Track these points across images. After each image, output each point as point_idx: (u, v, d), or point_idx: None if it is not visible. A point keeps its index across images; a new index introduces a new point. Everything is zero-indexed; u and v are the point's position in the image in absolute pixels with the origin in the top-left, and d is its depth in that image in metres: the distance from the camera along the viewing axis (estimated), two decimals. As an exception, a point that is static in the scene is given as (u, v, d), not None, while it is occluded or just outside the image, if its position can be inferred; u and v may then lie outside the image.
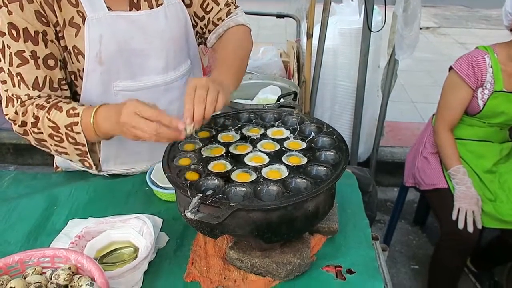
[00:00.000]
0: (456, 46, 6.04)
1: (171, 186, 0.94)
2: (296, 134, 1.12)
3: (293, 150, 1.04)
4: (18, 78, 1.07)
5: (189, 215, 0.82)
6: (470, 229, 1.78)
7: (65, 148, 1.12)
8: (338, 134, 1.09)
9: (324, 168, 0.97)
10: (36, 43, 1.06)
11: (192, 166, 0.99)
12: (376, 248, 1.09)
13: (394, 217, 2.48)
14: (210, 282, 0.95)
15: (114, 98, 1.19)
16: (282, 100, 1.58)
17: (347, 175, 1.33)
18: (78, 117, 1.06)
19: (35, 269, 0.87)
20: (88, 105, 1.11)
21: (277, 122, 1.18)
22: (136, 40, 1.15)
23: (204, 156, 1.03)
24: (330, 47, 2.65)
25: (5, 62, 1.06)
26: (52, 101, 1.10)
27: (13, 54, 1.05)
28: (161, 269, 1.00)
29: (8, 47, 1.05)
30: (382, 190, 3.11)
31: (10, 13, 1.02)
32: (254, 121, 1.19)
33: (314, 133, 1.11)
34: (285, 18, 2.94)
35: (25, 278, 0.84)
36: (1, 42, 1.04)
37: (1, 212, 1.20)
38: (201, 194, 0.86)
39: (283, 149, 1.05)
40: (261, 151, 1.04)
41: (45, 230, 1.13)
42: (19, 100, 1.09)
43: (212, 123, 1.17)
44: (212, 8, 1.32)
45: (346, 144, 1.05)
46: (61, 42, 1.11)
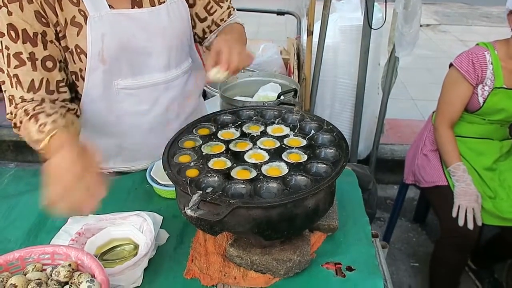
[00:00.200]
0: (456, 44, 6.03)
1: (171, 183, 0.94)
2: (296, 131, 1.12)
3: (293, 147, 1.04)
4: (15, 80, 1.06)
5: (189, 212, 0.82)
6: (470, 226, 1.78)
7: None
8: (338, 132, 1.09)
9: (324, 165, 0.97)
10: (34, 45, 1.05)
11: (192, 163, 0.99)
12: (376, 245, 1.09)
13: (394, 214, 2.48)
14: (210, 279, 0.95)
15: (116, 97, 1.19)
16: (282, 97, 1.58)
17: (347, 173, 1.33)
18: (42, 134, 1.00)
19: (35, 266, 0.87)
20: (60, 123, 1.03)
21: (277, 120, 1.18)
22: (138, 38, 1.15)
23: (204, 153, 1.03)
24: (330, 45, 2.64)
25: (4, 63, 1.06)
26: (39, 108, 1.05)
27: (11, 55, 1.04)
28: (161, 266, 1.00)
29: (6, 48, 1.04)
30: (382, 188, 3.11)
31: (10, 13, 1.01)
32: (254, 118, 1.19)
33: (314, 130, 1.11)
34: (285, 15, 2.94)
35: (25, 275, 0.84)
36: (0, 43, 1.04)
37: (1, 209, 1.20)
38: (201, 191, 0.86)
39: (283, 146, 1.05)
40: (261, 148, 1.04)
41: (45, 227, 1.13)
42: (14, 102, 1.08)
43: (212, 120, 1.17)
44: (216, 10, 1.33)
45: (346, 141, 1.04)
46: (62, 42, 1.10)
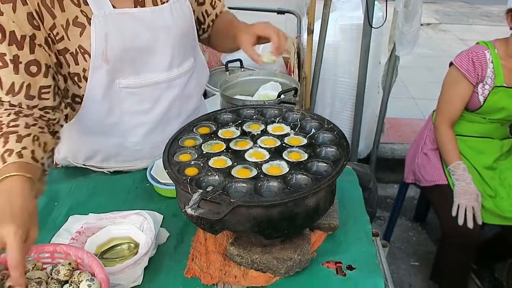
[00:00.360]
0: (457, 43, 6.02)
1: (172, 182, 0.94)
2: (296, 130, 1.11)
3: (293, 146, 1.04)
4: None
5: (189, 211, 0.82)
6: (470, 225, 1.78)
7: None
8: (339, 130, 1.09)
9: (324, 164, 0.96)
10: (20, 48, 1.02)
11: (192, 162, 0.99)
12: (376, 244, 1.09)
13: (394, 213, 2.48)
14: (210, 278, 0.95)
15: (118, 96, 1.19)
16: (282, 96, 1.57)
17: (348, 172, 1.33)
18: (2, 164, 0.91)
19: (35, 264, 0.87)
20: (26, 156, 0.94)
21: (277, 118, 1.17)
22: (142, 37, 1.15)
23: (204, 152, 1.02)
24: (330, 43, 2.64)
25: None
26: (13, 125, 0.98)
27: None
28: (161, 265, 1.00)
29: None
30: (382, 187, 3.11)
31: (0, 13, 0.99)
32: (254, 117, 1.19)
33: (314, 129, 1.11)
34: (285, 14, 2.93)
35: (25, 274, 0.84)
36: None
37: (1, 208, 1.19)
38: (201, 190, 0.86)
39: (284, 145, 1.05)
40: (261, 147, 1.04)
41: (45, 226, 1.13)
42: None
43: (212, 119, 1.17)
44: (216, 3, 1.41)
45: (346, 140, 1.04)
46: (59, 45, 1.08)
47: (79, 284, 0.81)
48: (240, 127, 1.13)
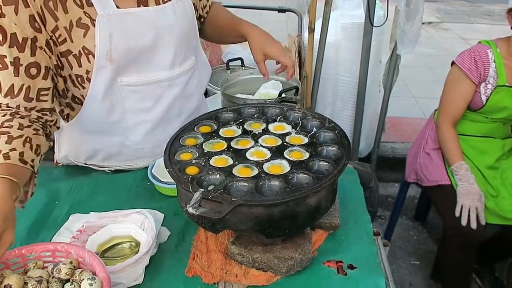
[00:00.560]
0: (458, 41, 6.01)
1: (173, 181, 0.94)
2: (298, 129, 1.11)
3: (295, 145, 1.04)
4: None
5: (190, 210, 0.81)
6: (474, 225, 1.77)
7: None
8: (340, 129, 1.09)
9: (326, 163, 0.96)
10: (21, 50, 1.02)
11: (193, 161, 0.98)
12: (377, 243, 1.09)
13: (395, 212, 2.48)
14: (211, 277, 0.95)
15: (119, 94, 1.19)
16: (283, 95, 1.57)
17: (349, 171, 1.33)
18: None
19: (37, 263, 0.87)
20: (14, 158, 0.93)
21: (278, 117, 1.17)
22: (145, 36, 1.15)
23: (205, 151, 1.02)
24: (331, 42, 2.64)
25: None
26: (6, 125, 0.98)
27: None
28: (162, 263, 1.00)
29: None
30: (383, 186, 3.11)
31: (2, 15, 0.98)
32: (255, 116, 1.19)
33: (316, 128, 1.11)
34: (286, 12, 2.93)
35: (26, 273, 0.84)
36: None
37: (2, 206, 1.19)
38: (202, 189, 0.86)
39: (285, 144, 1.04)
40: (263, 146, 1.04)
41: (46, 225, 1.13)
42: None
43: (213, 118, 1.17)
44: None
45: (348, 139, 1.04)
46: (61, 47, 1.08)
47: (80, 282, 0.81)
48: (241, 126, 1.13)
